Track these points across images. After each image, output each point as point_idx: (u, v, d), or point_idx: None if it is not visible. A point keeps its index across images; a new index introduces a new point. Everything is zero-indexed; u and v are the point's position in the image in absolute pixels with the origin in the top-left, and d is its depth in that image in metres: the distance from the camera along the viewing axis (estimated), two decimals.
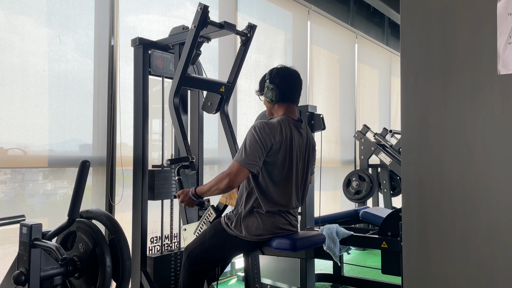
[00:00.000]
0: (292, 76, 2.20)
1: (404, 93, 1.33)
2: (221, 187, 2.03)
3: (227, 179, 2.00)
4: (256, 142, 2.01)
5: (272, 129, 2.04)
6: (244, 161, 2.00)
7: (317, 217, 3.28)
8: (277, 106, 2.20)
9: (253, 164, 2.00)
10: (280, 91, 2.16)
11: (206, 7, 2.30)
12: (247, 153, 2.00)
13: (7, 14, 2.61)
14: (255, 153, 2.00)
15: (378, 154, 5.07)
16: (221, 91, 2.66)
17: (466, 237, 1.21)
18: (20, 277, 2.03)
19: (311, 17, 5.32)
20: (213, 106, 2.70)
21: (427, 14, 1.30)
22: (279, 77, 2.17)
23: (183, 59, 2.39)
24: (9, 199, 2.64)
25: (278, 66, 2.23)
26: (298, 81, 2.22)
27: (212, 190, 2.08)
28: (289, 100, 2.20)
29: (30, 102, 2.70)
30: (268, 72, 2.22)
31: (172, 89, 2.44)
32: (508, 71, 1.16)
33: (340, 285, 3.63)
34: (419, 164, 1.29)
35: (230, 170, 2.02)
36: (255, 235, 2.08)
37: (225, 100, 2.70)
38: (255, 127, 2.04)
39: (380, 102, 7.21)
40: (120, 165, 3.07)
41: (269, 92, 2.17)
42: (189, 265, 2.15)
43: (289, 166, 2.11)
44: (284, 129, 2.08)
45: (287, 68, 2.21)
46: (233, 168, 2.01)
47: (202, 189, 2.13)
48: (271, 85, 2.16)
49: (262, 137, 2.01)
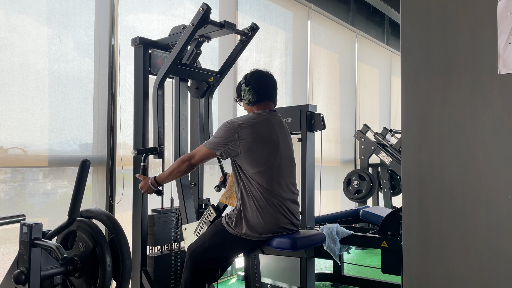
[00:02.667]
0: (266, 76, 2.31)
1: (404, 92, 1.33)
2: (183, 169, 2.19)
3: (187, 162, 2.18)
4: (223, 130, 2.14)
5: (240, 120, 2.16)
6: (209, 144, 2.16)
7: (317, 216, 3.28)
8: (256, 107, 2.28)
9: (218, 147, 2.13)
10: (257, 92, 2.25)
11: (209, 8, 2.31)
12: (214, 139, 2.16)
13: (7, 14, 2.61)
14: (220, 137, 2.13)
15: (378, 154, 5.07)
16: (210, 80, 2.76)
17: (466, 237, 1.21)
18: (20, 276, 2.03)
19: (311, 16, 5.31)
20: (199, 91, 2.81)
21: (427, 13, 1.29)
22: (253, 78, 2.28)
23: (174, 53, 2.44)
24: (9, 199, 2.64)
25: (252, 70, 2.33)
26: (273, 81, 2.33)
27: (173, 174, 2.22)
28: (267, 99, 2.29)
29: (30, 102, 2.69)
30: (243, 78, 2.33)
31: (158, 78, 2.51)
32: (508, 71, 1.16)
33: (340, 285, 3.64)
34: (419, 164, 1.29)
35: (194, 153, 2.21)
36: (256, 233, 2.08)
37: (211, 89, 2.81)
38: (227, 122, 2.18)
39: (380, 101, 7.21)
40: (120, 164, 3.07)
41: (247, 94, 2.26)
42: (192, 264, 2.15)
43: (273, 153, 2.16)
44: (258, 118, 2.18)
45: (260, 71, 2.33)
46: (198, 151, 2.20)
47: (162, 176, 2.26)
48: (247, 87, 2.26)
49: (229, 126, 2.14)
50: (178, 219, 2.86)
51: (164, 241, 2.78)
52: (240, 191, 2.15)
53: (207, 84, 2.76)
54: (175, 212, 2.85)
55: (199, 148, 2.22)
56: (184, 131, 2.84)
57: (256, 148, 2.11)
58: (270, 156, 2.14)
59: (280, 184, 2.15)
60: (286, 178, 2.20)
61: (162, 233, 2.75)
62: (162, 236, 2.76)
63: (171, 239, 2.82)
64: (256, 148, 2.11)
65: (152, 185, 2.28)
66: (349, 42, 6.24)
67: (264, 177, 2.11)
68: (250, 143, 2.10)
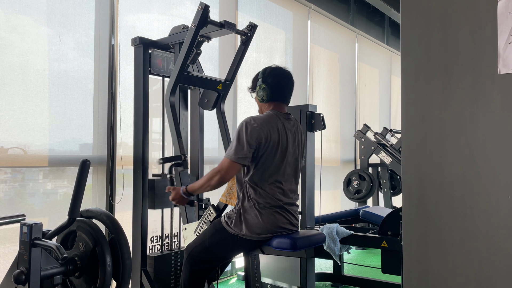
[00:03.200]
0: (285, 77, 2.24)
1: (404, 92, 1.33)
2: (212, 183, 2.08)
3: (217, 175, 2.06)
4: (245, 136, 2.05)
5: (260, 123, 2.09)
6: (234, 155, 2.04)
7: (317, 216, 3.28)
8: (268, 105, 2.24)
9: (243, 157, 2.04)
10: (272, 91, 2.20)
11: (207, 6, 2.31)
12: (236, 148, 2.05)
13: (7, 13, 2.61)
14: (243, 147, 2.04)
15: (379, 154, 5.07)
16: (218, 88, 2.68)
17: (466, 236, 1.21)
18: (20, 276, 2.04)
19: (311, 16, 5.31)
20: (209, 102, 2.72)
21: (427, 13, 1.29)
22: (271, 77, 2.21)
23: (181, 57, 2.40)
24: (9, 199, 2.64)
25: (272, 65, 2.27)
26: (290, 82, 2.26)
27: (204, 187, 2.12)
28: (279, 100, 2.24)
29: (30, 102, 2.69)
30: (261, 71, 2.26)
31: (169, 86, 2.46)
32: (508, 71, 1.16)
33: (340, 285, 3.64)
34: (419, 164, 1.29)
35: (221, 166, 2.07)
36: (255, 233, 2.08)
37: (221, 97, 2.72)
38: (244, 122, 2.10)
39: (380, 101, 7.21)
40: (120, 164, 3.07)
41: (261, 91, 2.21)
42: (190, 264, 2.15)
43: (280, 158, 2.14)
44: (273, 123, 2.13)
45: (280, 69, 2.25)
46: (224, 164, 2.07)
47: (193, 187, 2.18)
48: (263, 85, 2.20)
49: (250, 131, 2.05)
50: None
51: (164, 205, 2.75)
52: (242, 192, 2.15)
53: (216, 92, 2.69)
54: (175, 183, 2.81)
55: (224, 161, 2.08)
56: (183, 131, 2.84)
57: (268, 155, 2.10)
58: (278, 163, 2.13)
59: (282, 190, 2.15)
60: (288, 185, 2.19)
61: (162, 197, 2.72)
62: (162, 200, 2.73)
63: (171, 204, 2.77)
64: (268, 155, 2.10)
65: (185, 194, 2.20)
66: (349, 42, 6.24)
67: (268, 180, 2.11)
68: (264, 151, 2.08)
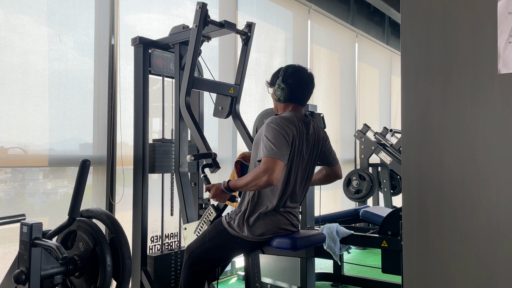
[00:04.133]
0: (306, 81, 2.16)
1: (404, 92, 1.33)
2: (260, 184, 1.91)
3: (266, 175, 1.89)
4: (280, 133, 1.97)
5: (289, 122, 2.04)
6: (277, 153, 1.92)
7: (317, 216, 3.28)
8: (284, 105, 2.19)
9: (285, 155, 1.95)
10: (291, 93, 2.13)
11: (204, 4, 2.31)
12: (276, 146, 1.93)
13: (6, 13, 2.61)
14: (282, 145, 1.95)
15: (379, 153, 5.07)
16: (230, 92, 2.64)
17: (466, 236, 1.21)
18: (20, 276, 2.04)
19: (311, 16, 5.31)
20: (224, 110, 2.68)
21: (427, 13, 1.29)
22: (292, 78, 2.12)
23: (189, 60, 2.38)
24: (9, 198, 2.64)
25: (296, 65, 2.18)
26: (311, 86, 2.19)
27: (249, 186, 1.96)
28: (297, 102, 2.18)
29: (30, 101, 2.69)
30: (283, 69, 2.17)
31: (182, 91, 2.42)
32: (508, 70, 1.16)
33: (340, 284, 3.64)
34: (419, 163, 1.29)
35: (266, 166, 1.90)
36: (257, 235, 2.08)
37: (235, 101, 2.68)
38: (274, 122, 2.01)
39: (380, 101, 7.21)
40: (121, 164, 3.07)
41: (279, 91, 2.14)
42: (190, 265, 2.15)
43: (292, 162, 2.10)
44: (296, 125, 2.08)
45: (302, 70, 2.17)
46: (269, 163, 1.90)
47: (237, 184, 2.01)
48: (283, 84, 2.13)
49: (283, 128, 1.99)
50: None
51: (164, 169, 2.74)
52: (247, 195, 2.13)
53: (229, 97, 2.65)
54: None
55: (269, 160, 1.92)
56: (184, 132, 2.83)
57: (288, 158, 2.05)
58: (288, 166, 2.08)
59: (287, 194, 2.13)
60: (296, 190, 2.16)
61: (162, 161, 2.71)
62: (163, 164, 2.72)
63: (171, 168, 2.78)
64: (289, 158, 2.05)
65: (226, 190, 2.05)
66: (349, 42, 6.24)
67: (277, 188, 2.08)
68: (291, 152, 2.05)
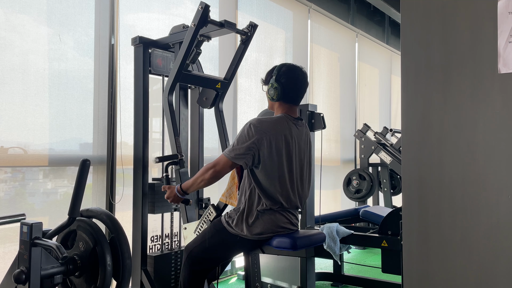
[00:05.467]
0: (300, 80, 2.17)
1: (404, 91, 1.33)
2: (206, 178, 2.08)
3: (212, 170, 2.06)
4: (245, 136, 2.03)
5: (265, 126, 2.06)
6: (230, 154, 2.04)
7: (318, 216, 3.28)
8: (278, 104, 2.19)
9: (239, 157, 2.03)
10: (284, 92, 2.14)
11: (207, 6, 2.30)
12: (234, 147, 2.04)
13: (6, 13, 2.61)
14: (242, 147, 2.02)
15: (379, 153, 5.07)
16: (217, 87, 2.68)
17: (466, 236, 1.21)
18: (20, 275, 2.04)
19: (311, 15, 5.31)
20: (208, 101, 2.72)
21: (427, 13, 1.29)
22: (286, 77, 2.13)
23: (180, 56, 2.41)
24: (9, 198, 2.64)
25: (289, 64, 2.19)
26: (305, 85, 2.20)
27: (197, 183, 2.11)
28: (291, 101, 2.18)
29: (30, 101, 2.69)
30: (277, 68, 2.17)
31: (167, 85, 2.46)
32: (508, 70, 1.16)
33: (340, 284, 3.64)
34: (419, 163, 1.29)
35: (216, 162, 2.07)
36: (256, 233, 2.08)
37: (220, 96, 2.72)
38: (250, 123, 2.07)
39: (380, 101, 7.20)
40: (121, 164, 3.07)
41: (272, 90, 2.15)
42: (190, 264, 2.15)
43: (287, 163, 2.11)
44: (281, 127, 2.09)
45: (296, 69, 2.17)
46: (220, 160, 2.07)
47: (187, 184, 2.16)
48: (276, 83, 2.13)
49: (252, 132, 2.03)
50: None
51: (164, 209, 2.75)
52: (244, 193, 2.14)
53: (215, 91, 2.69)
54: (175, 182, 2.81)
55: (220, 157, 2.08)
56: (184, 131, 2.84)
57: (272, 159, 2.06)
58: (282, 168, 2.09)
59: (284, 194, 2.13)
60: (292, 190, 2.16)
61: (162, 202, 2.72)
62: (163, 204, 2.73)
63: (171, 208, 2.78)
64: (272, 160, 2.06)
65: (179, 193, 2.18)
66: (349, 42, 6.24)
67: (270, 185, 2.08)
68: (268, 154, 2.05)
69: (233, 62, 2.72)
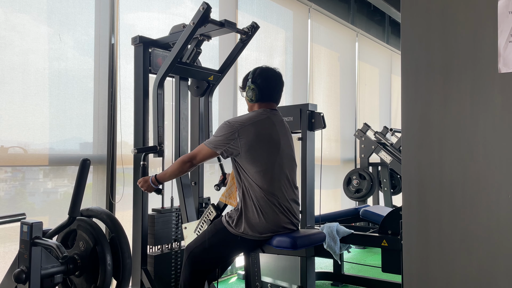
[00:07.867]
0: (274, 78, 2.27)
1: (404, 91, 1.33)
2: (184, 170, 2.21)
3: (189, 163, 2.19)
4: (224, 131, 2.13)
5: (241, 121, 2.15)
6: (209, 143, 2.16)
7: (318, 215, 3.28)
8: (257, 105, 2.27)
9: (218, 147, 2.13)
10: (261, 92, 2.23)
11: (209, 7, 2.31)
12: (213, 139, 2.16)
13: (6, 12, 2.61)
14: (221, 139, 2.12)
15: (379, 153, 5.07)
16: (210, 79, 2.77)
17: (466, 236, 1.21)
18: (20, 275, 2.04)
19: (311, 15, 5.31)
20: (199, 90, 2.81)
21: (427, 12, 1.29)
22: (261, 78, 2.23)
23: (174, 51, 2.44)
24: (9, 198, 2.64)
25: (263, 66, 2.29)
26: (280, 83, 2.29)
27: (174, 175, 2.25)
28: (268, 100, 2.27)
29: (30, 101, 2.69)
30: (251, 71, 2.28)
31: (158, 75, 2.52)
32: (509, 70, 1.16)
33: (340, 284, 3.64)
34: (419, 163, 1.29)
35: (196, 153, 2.20)
36: (257, 232, 2.08)
37: (211, 87, 2.82)
38: (228, 120, 2.19)
39: (380, 100, 7.20)
40: (121, 163, 3.07)
41: (250, 92, 2.24)
42: (190, 264, 2.15)
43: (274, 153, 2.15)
44: (259, 119, 2.16)
45: (270, 70, 2.28)
46: (200, 150, 2.19)
47: (162, 175, 2.28)
48: (253, 85, 2.23)
49: (229, 126, 2.13)
50: (178, 219, 2.86)
51: (164, 241, 2.78)
52: (241, 191, 2.15)
53: (207, 83, 2.77)
54: (175, 212, 2.84)
55: (199, 147, 2.21)
56: (184, 130, 2.84)
57: (256, 147, 2.10)
58: (270, 155, 2.14)
59: (280, 183, 2.15)
60: (287, 177, 2.20)
61: (162, 233, 2.75)
62: (163, 236, 2.76)
63: (172, 238, 2.82)
64: (256, 148, 2.10)
65: (153, 183, 2.28)
66: (350, 41, 6.24)
67: (265, 176, 2.10)
68: (250, 142, 2.09)
69: (229, 57, 2.80)
